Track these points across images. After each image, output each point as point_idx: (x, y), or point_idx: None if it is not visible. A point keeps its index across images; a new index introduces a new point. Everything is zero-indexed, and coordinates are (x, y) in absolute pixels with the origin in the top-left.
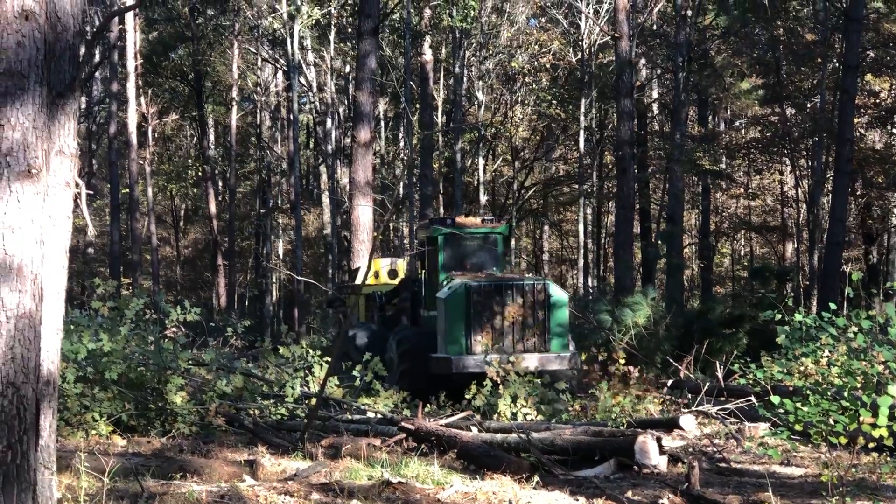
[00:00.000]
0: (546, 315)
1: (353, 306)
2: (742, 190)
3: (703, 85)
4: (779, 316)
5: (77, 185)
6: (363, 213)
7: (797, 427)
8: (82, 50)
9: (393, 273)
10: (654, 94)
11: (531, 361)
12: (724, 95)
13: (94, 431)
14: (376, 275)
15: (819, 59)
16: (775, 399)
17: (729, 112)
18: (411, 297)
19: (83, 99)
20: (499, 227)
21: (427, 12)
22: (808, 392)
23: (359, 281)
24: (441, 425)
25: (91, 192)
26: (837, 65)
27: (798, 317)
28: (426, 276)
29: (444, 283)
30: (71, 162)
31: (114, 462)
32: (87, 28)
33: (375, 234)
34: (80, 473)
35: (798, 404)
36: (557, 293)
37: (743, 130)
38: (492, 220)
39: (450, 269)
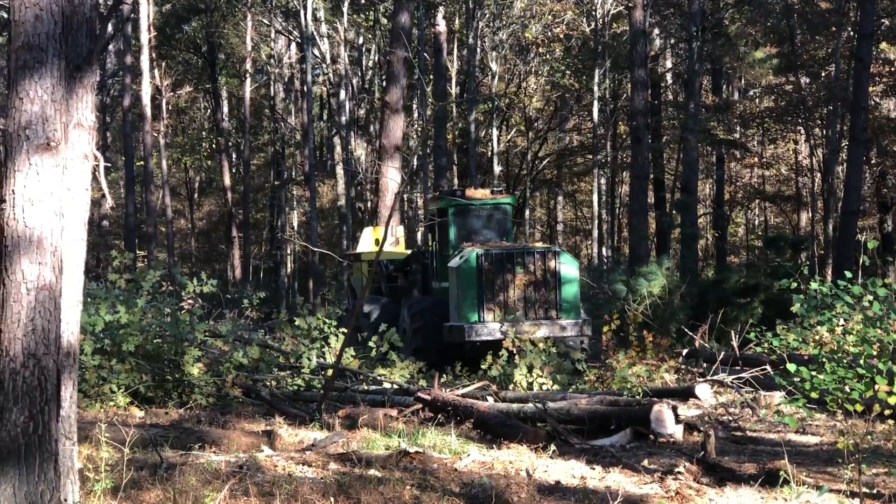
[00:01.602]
0: (557, 283)
1: (356, 271)
2: (756, 159)
3: (717, 54)
4: (794, 284)
5: (95, 157)
6: (392, 176)
7: (813, 395)
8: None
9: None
10: (668, 64)
11: (543, 329)
12: (738, 64)
13: (111, 403)
14: (376, 242)
15: (833, 28)
16: (791, 367)
17: (743, 81)
18: (422, 269)
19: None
20: (507, 198)
21: None
22: (825, 360)
23: (362, 248)
24: (457, 395)
25: (108, 165)
26: (852, 33)
27: (814, 285)
28: (437, 248)
29: (455, 253)
30: (89, 134)
31: (133, 433)
32: (103, 1)
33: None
34: (101, 444)
35: (814, 372)
36: (568, 261)
37: (757, 100)
38: (501, 191)
39: (460, 240)
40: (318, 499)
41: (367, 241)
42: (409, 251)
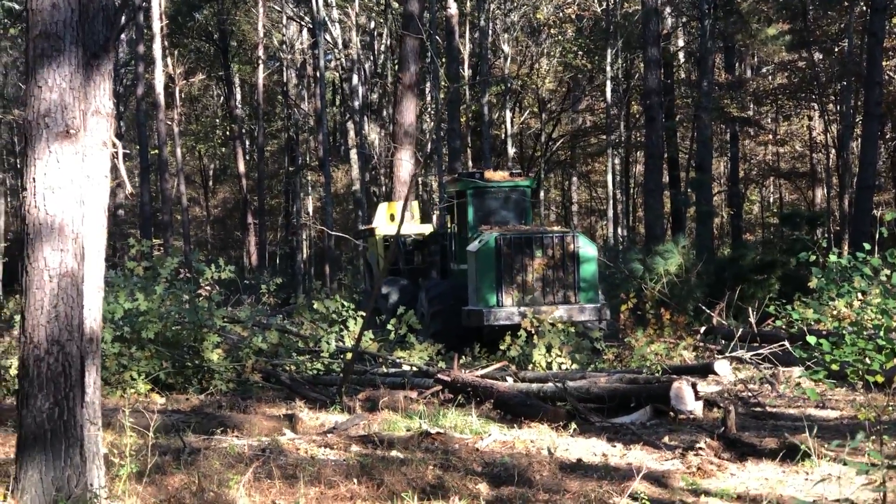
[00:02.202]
0: (575, 267)
1: (371, 246)
2: (770, 136)
3: (730, 31)
4: (813, 258)
5: (114, 144)
6: (405, 156)
7: (833, 367)
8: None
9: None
10: (681, 43)
11: (561, 313)
12: (750, 42)
13: (132, 390)
14: (391, 217)
15: (846, 3)
16: (811, 339)
17: (756, 58)
18: (440, 251)
19: None
20: (526, 180)
21: None
22: (845, 332)
23: (376, 224)
24: (477, 376)
25: (126, 152)
26: (865, 8)
27: (832, 258)
28: (455, 230)
29: (474, 236)
30: (107, 122)
31: (155, 419)
32: None
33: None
34: (125, 429)
35: (833, 345)
36: (587, 245)
37: (770, 77)
38: (519, 173)
39: (478, 222)
40: (341, 480)
41: (381, 217)
42: (424, 225)
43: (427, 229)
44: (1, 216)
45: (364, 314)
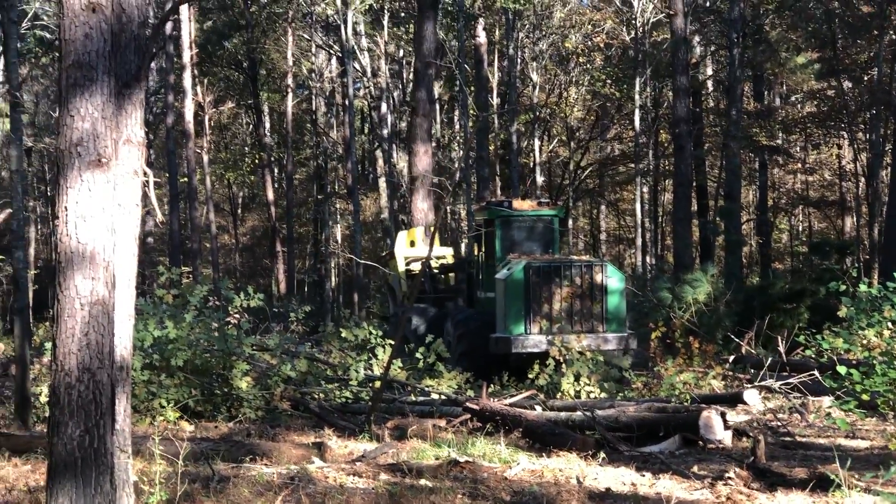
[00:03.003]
0: (603, 296)
1: (393, 269)
2: (799, 165)
3: (759, 60)
4: (843, 287)
5: (145, 173)
6: (419, 199)
7: (864, 397)
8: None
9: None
10: (709, 71)
11: (587, 342)
12: (779, 70)
13: (161, 418)
14: (411, 244)
15: (875, 31)
16: (842, 369)
17: (785, 87)
18: (467, 279)
19: None
20: (554, 209)
21: None
22: (875, 362)
23: (399, 248)
24: (505, 405)
25: (157, 181)
26: (894, 36)
27: (862, 287)
28: (483, 258)
29: (502, 264)
30: (138, 150)
31: (184, 447)
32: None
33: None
34: (155, 457)
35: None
36: (614, 275)
37: (799, 105)
38: (547, 202)
39: (506, 251)
40: None
41: (401, 243)
42: (444, 248)
43: (446, 252)
44: (31, 244)
45: (392, 342)
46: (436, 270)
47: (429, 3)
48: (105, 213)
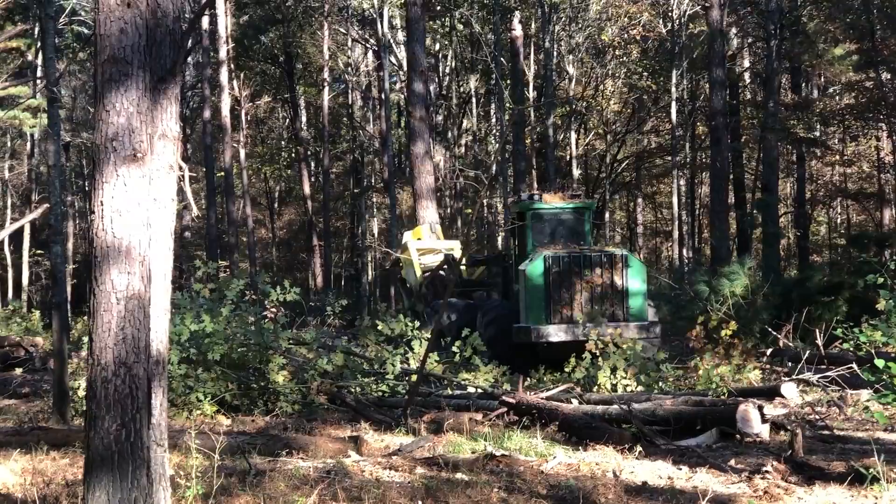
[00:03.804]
0: (625, 285)
1: (407, 264)
2: (837, 157)
3: (796, 52)
4: (881, 280)
5: (180, 167)
6: (430, 218)
7: None
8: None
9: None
10: (746, 63)
11: (610, 331)
12: (817, 62)
13: (198, 411)
14: (418, 240)
15: None
16: (880, 362)
17: (822, 79)
18: (503, 272)
19: None
20: (584, 203)
21: None
22: None
23: (413, 242)
24: (542, 398)
25: (192, 175)
26: None
27: None
28: (516, 251)
29: (528, 257)
30: (174, 145)
31: (221, 440)
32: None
33: (471, 212)
34: (191, 451)
35: None
36: (636, 264)
37: (837, 97)
38: (579, 195)
39: (537, 244)
40: (405, 502)
41: (409, 239)
42: (451, 241)
43: (454, 244)
44: (70, 239)
45: (429, 336)
46: (463, 266)
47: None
48: (140, 207)
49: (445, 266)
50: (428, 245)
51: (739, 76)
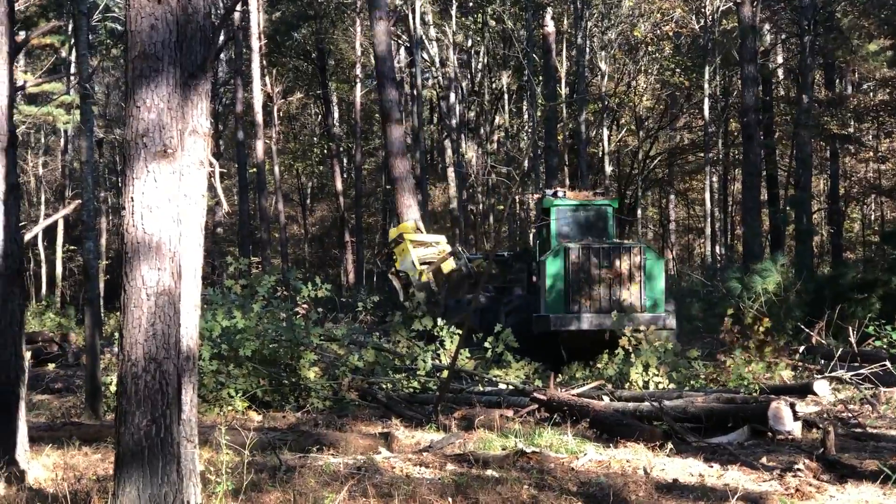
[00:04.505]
0: (642, 277)
1: (403, 253)
2: (872, 153)
3: (830, 48)
4: None
5: (211, 163)
6: (405, 201)
7: None
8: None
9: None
10: (780, 59)
11: (626, 321)
12: (851, 58)
13: (229, 407)
14: (399, 235)
15: None
16: None
17: (856, 75)
18: (527, 267)
19: None
20: (608, 200)
21: None
22: None
23: (409, 235)
24: (573, 395)
25: (223, 171)
26: None
27: None
28: (540, 246)
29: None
30: (204, 141)
31: (251, 436)
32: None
33: (503, 208)
34: (221, 447)
35: None
36: (652, 257)
37: (871, 93)
38: (602, 193)
39: (562, 239)
40: (436, 499)
41: (399, 233)
42: (438, 235)
43: (440, 238)
44: (103, 234)
45: (461, 332)
46: (483, 263)
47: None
48: (171, 203)
49: (453, 256)
50: (420, 238)
51: (773, 72)
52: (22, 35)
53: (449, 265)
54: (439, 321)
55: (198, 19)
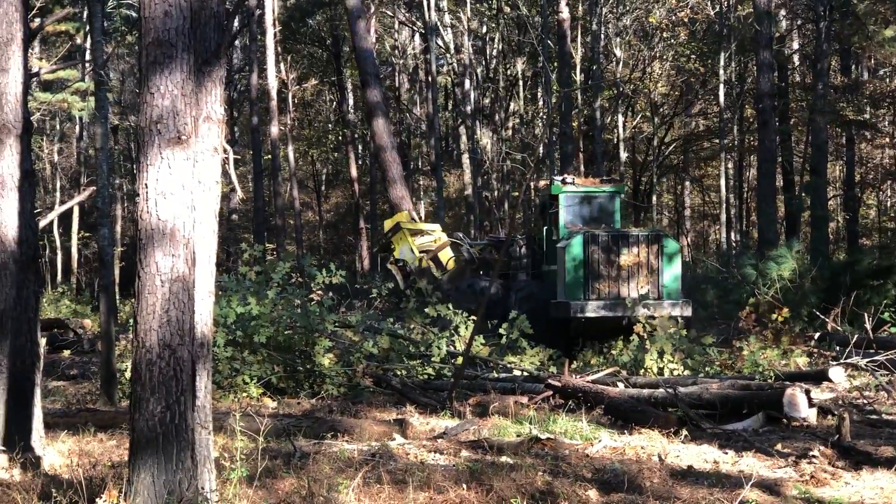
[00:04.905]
0: (660, 265)
1: (400, 241)
2: (888, 139)
3: (846, 34)
4: None
5: (225, 150)
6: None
7: None
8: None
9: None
10: (795, 45)
11: (645, 309)
12: (867, 44)
13: (244, 394)
14: (395, 225)
15: None
16: None
17: (872, 61)
18: (532, 253)
19: None
20: (616, 186)
21: None
22: None
23: (414, 225)
24: (588, 382)
25: (237, 158)
26: None
27: None
28: (547, 233)
29: (565, 236)
30: (218, 128)
31: (266, 423)
32: None
33: (518, 194)
34: (235, 433)
35: None
36: (671, 244)
37: (887, 79)
38: (609, 180)
39: (570, 225)
40: (450, 486)
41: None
42: (433, 224)
43: (436, 227)
44: (118, 221)
45: (475, 318)
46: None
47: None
48: (185, 190)
49: (453, 243)
50: (417, 227)
51: (788, 58)
52: (37, 22)
53: (446, 254)
54: (450, 307)
55: (212, 6)
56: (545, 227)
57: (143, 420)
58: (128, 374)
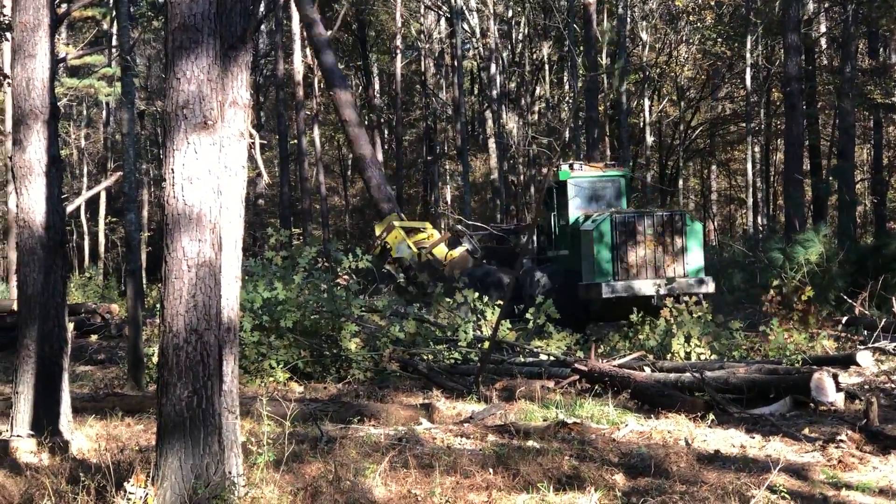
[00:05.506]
0: (683, 244)
1: (397, 239)
2: None
3: (874, 16)
4: None
5: (251, 135)
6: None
7: None
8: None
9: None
10: (822, 28)
11: (667, 288)
12: (894, 27)
13: (271, 379)
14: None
15: None
16: None
17: None
18: (538, 238)
19: None
20: (621, 171)
21: None
22: None
23: (407, 223)
24: (614, 366)
25: (263, 143)
26: None
27: None
28: (555, 218)
29: (575, 221)
30: (244, 113)
31: (293, 408)
32: None
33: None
34: (262, 418)
35: None
36: (692, 224)
37: None
38: (615, 165)
39: (577, 210)
40: (477, 470)
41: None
42: (423, 222)
43: (427, 225)
44: (145, 206)
45: (501, 303)
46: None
47: None
48: (211, 175)
49: (452, 237)
50: (410, 225)
51: (815, 41)
52: (63, 7)
53: (441, 250)
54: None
55: None
56: (552, 213)
57: (171, 405)
58: (155, 359)
